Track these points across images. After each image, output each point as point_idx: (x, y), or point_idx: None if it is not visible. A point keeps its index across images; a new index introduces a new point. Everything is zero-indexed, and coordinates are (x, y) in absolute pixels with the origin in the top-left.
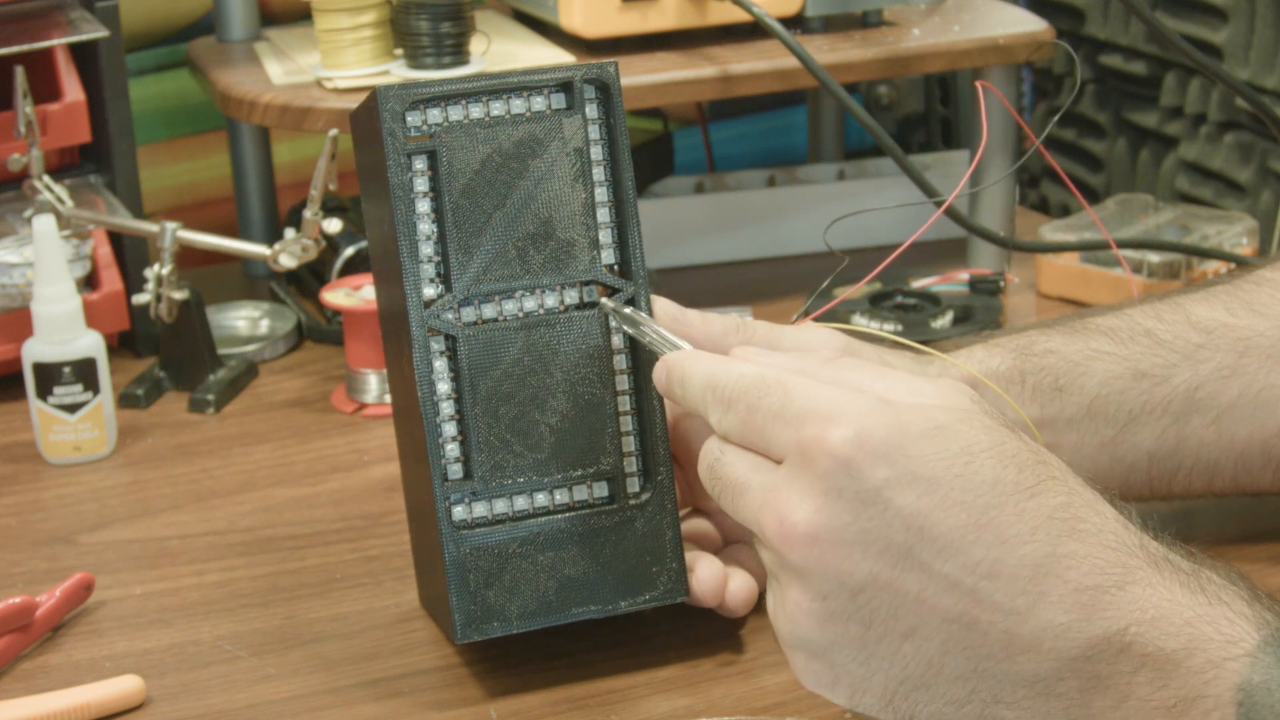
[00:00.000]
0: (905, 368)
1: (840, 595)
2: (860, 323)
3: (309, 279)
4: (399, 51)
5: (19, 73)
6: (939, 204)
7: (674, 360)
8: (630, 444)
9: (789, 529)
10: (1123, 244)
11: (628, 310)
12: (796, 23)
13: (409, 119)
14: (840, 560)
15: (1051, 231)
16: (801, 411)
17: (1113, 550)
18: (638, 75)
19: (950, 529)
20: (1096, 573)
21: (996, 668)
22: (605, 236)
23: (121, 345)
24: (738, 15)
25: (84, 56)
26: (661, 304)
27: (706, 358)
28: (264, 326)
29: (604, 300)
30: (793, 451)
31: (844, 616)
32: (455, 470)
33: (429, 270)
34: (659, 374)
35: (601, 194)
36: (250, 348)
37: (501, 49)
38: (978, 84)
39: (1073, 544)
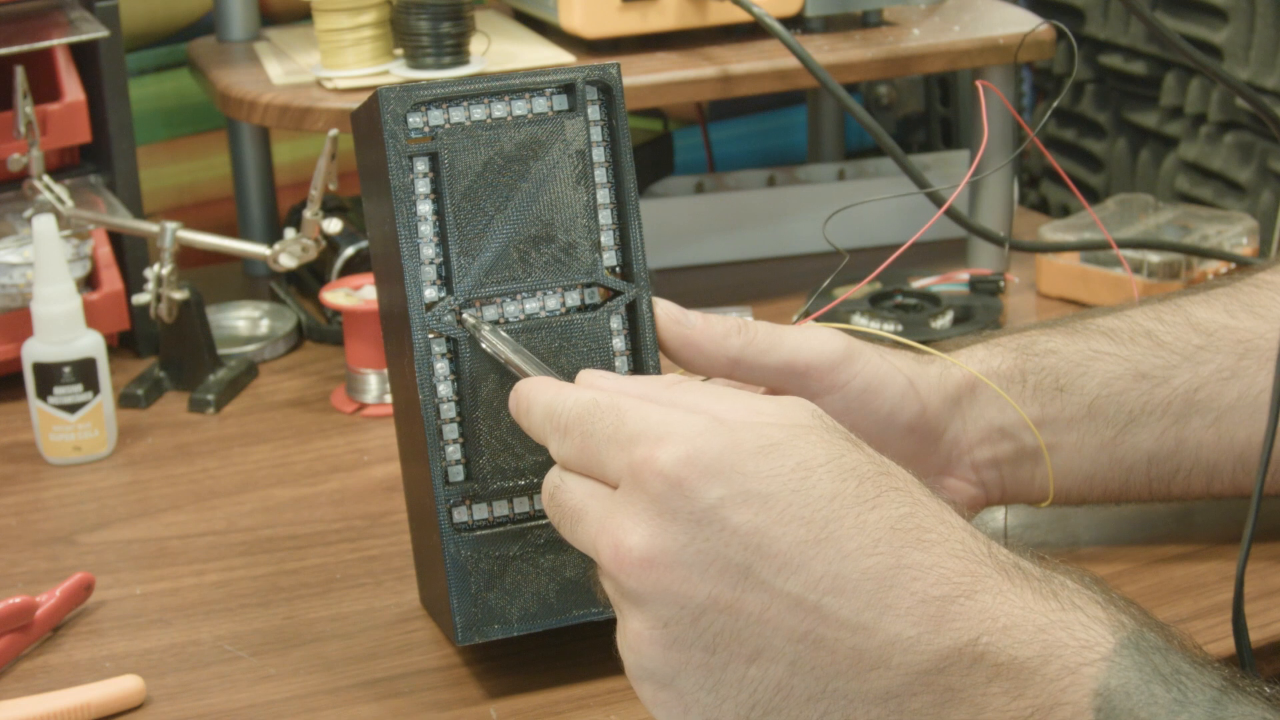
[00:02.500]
0: (905, 367)
1: (681, 620)
2: (860, 323)
3: (309, 279)
4: (399, 51)
5: (19, 73)
6: (939, 203)
7: (520, 388)
8: None
9: (624, 554)
10: (1123, 244)
11: (486, 330)
12: (796, 23)
13: (410, 120)
14: (678, 584)
15: (1051, 231)
16: (633, 434)
17: (959, 559)
18: (638, 75)
19: (789, 545)
20: (943, 583)
21: (847, 686)
22: (607, 239)
23: (121, 345)
24: (738, 15)
25: (84, 56)
26: (663, 305)
27: (548, 386)
28: (264, 326)
29: (466, 317)
30: (625, 475)
31: (687, 643)
32: (456, 472)
33: (430, 272)
34: (510, 402)
35: (603, 196)
36: (250, 348)
37: (501, 49)
38: (978, 83)
39: (917, 554)
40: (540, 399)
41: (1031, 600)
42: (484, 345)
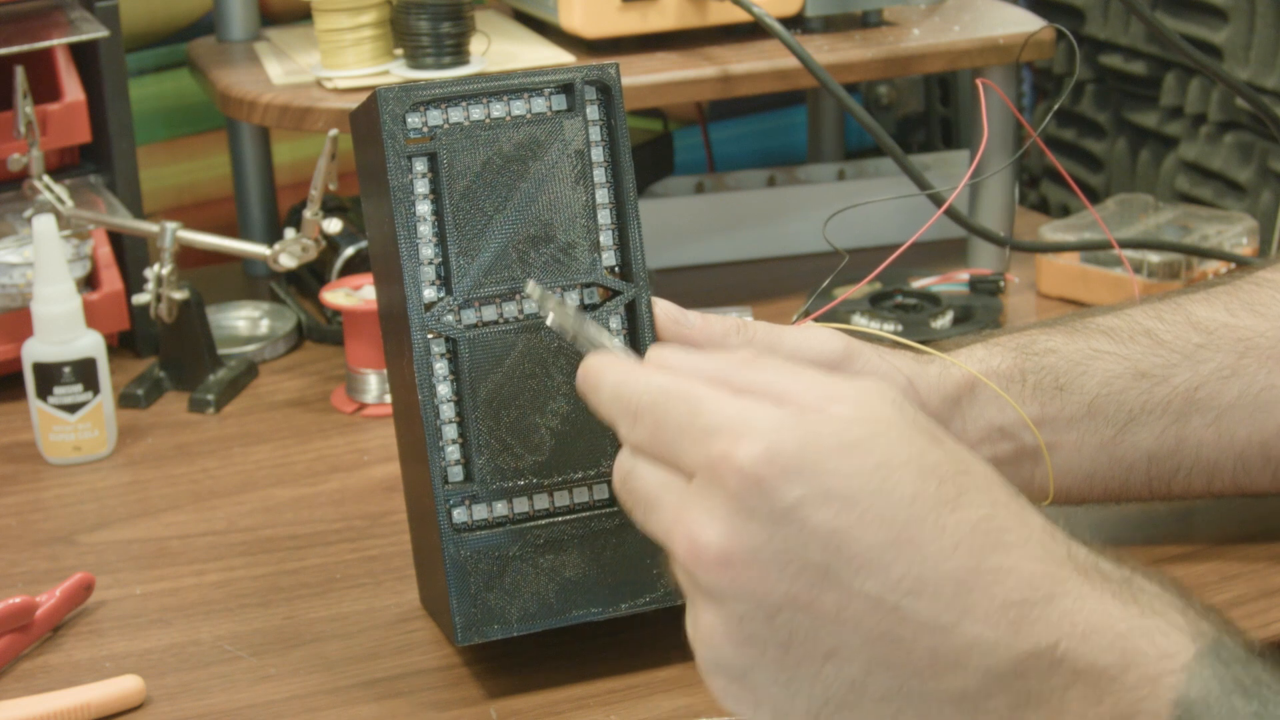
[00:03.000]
0: (905, 367)
1: (757, 618)
2: (860, 323)
3: (309, 279)
4: (399, 51)
5: (19, 73)
6: (939, 203)
7: (588, 365)
8: None
9: (701, 550)
10: (1123, 244)
11: (567, 304)
12: (796, 23)
13: (409, 121)
14: (755, 582)
15: (1051, 231)
16: (709, 427)
17: (1040, 562)
18: (638, 75)
19: (869, 547)
20: (1024, 586)
21: (922, 687)
22: (606, 239)
23: (121, 345)
24: (738, 15)
25: (84, 56)
26: (662, 305)
27: (618, 365)
28: (264, 326)
29: (531, 285)
30: (702, 469)
31: (762, 639)
32: (456, 472)
33: (429, 272)
34: (578, 377)
35: (602, 196)
36: (250, 348)
37: (501, 49)
38: (978, 82)
39: (998, 558)
40: (609, 379)
41: (1111, 605)
42: (549, 320)
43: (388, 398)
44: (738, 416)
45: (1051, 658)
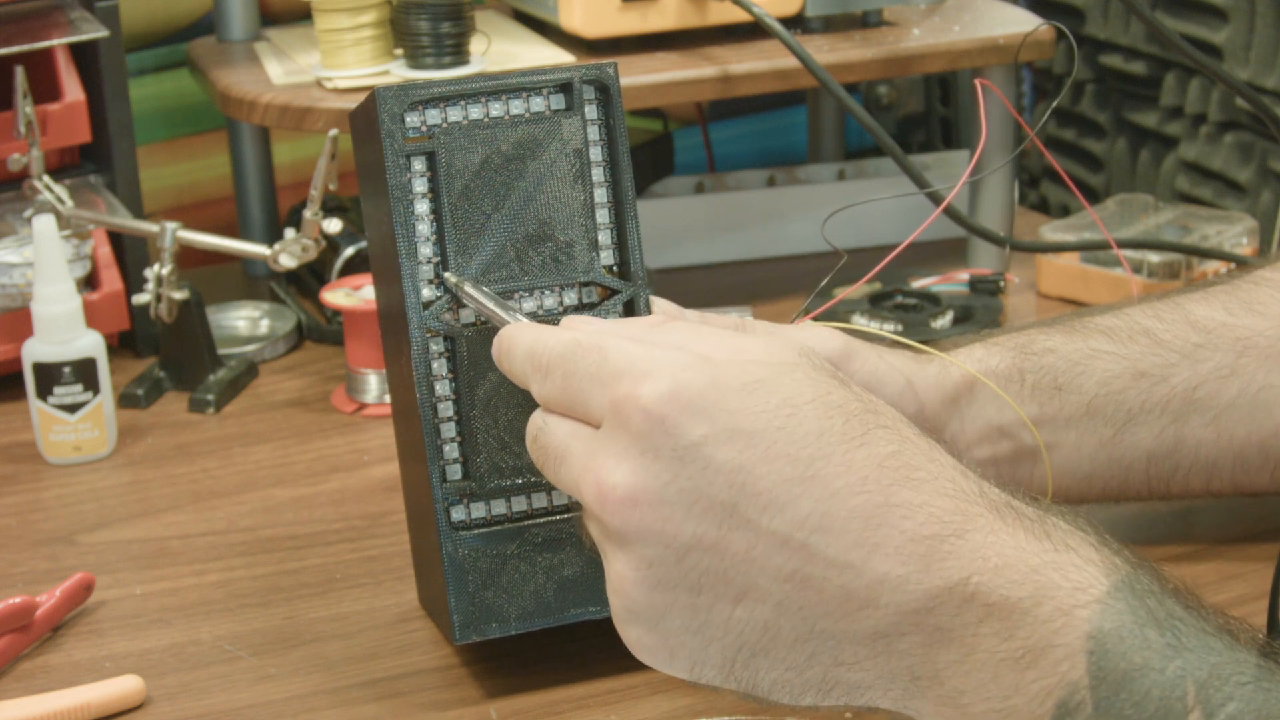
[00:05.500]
0: (903, 367)
1: (665, 560)
2: (860, 323)
3: (309, 279)
4: (399, 51)
5: (19, 73)
6: (939, 202)
7: (502, 333)
8: None
9: (607, 492)
10: (1123, 244)
11: (468, 285)
12: (796, 23)
13: (408, 120)
14: (662, 522)
15: (1051, 231)
16: (616, 371)
17: (950, 498)
18: (638, 75)
19: (775, 483)
20: (933, 521)
21: (834, 627)
22: (604, 238)
23: (121, 345)
24: (738, 15)
25: (84, 56)
26: (660, 304)
27: (530, 329)
28: (264, 326)
29: (448, 275)
30: (608, 412)
31: (672, 583)
32: (454, 471)
33: (428, 271)
34: (493, 348)
35: (601, 195)
36: (250, 348)
37: (501, 49)
38: (977, 82)
39: (906, 493)
40: (522, 341)
41: (1024, 540)
42: (466, 302)
43: (388, 398)
44: (643, 359)
45: (963, 593)
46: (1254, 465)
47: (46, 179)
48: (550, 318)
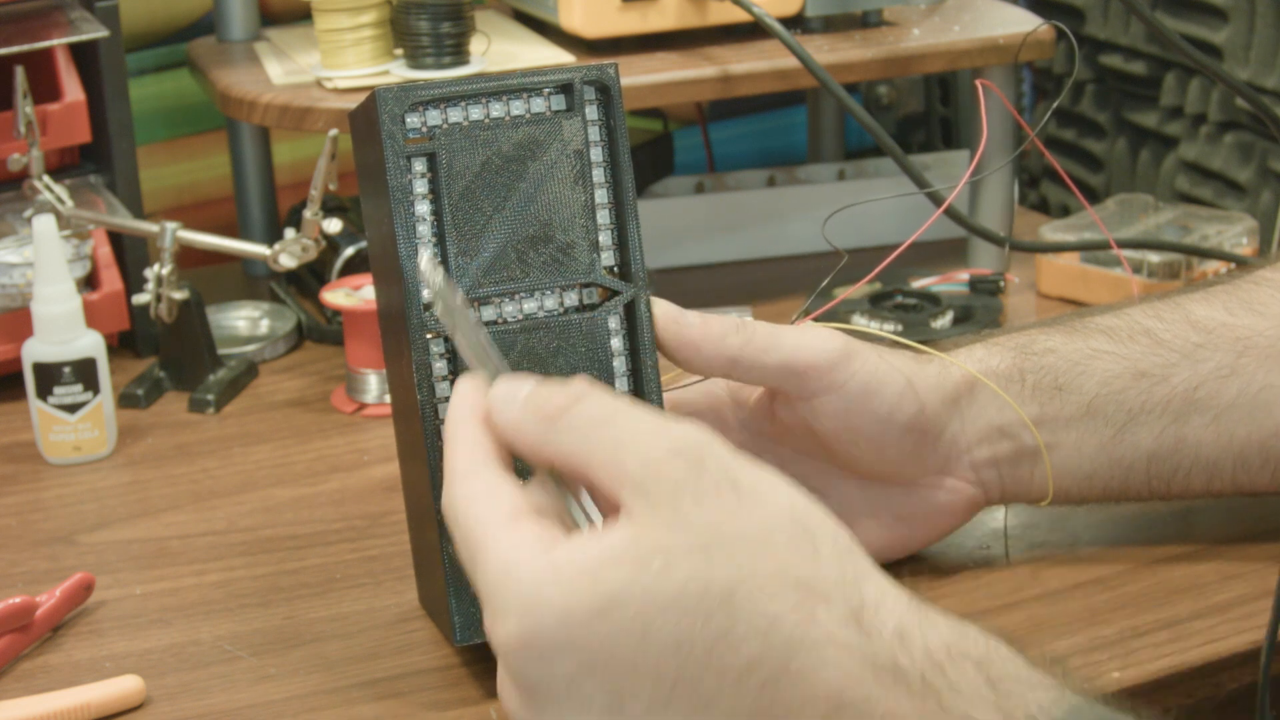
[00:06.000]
0: (904, 367)
1: None
2: (860, 323)
3: (309, 279)
4: (399, 51)
5: (19, 73)
6: (939, 203)
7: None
8: None
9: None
10: (1123, 244)
11: (461, 312)
12: (796, 23)
13: (408, 121)
14: None
15: (1051, 231)
16: (476, 586)
17: (827, 682)
18: (638, 75)
19: (647, 706)
20: (818, 714)
21: None
22: (605, 239)
23: (121, 345)
24: (738, 15)
25: (84, 56)
26: (661, 305)
27: (461, 443)
28: (264, 326)
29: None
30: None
31: None
32: None
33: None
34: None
35: (601, 196)
36: (250, 348)
37: (501, 49)
38: (978, 82)
39: (785, 690)
40: (446, 458)
41: (906, 706)
42: (452, 337)
43: (388, 398)
44: (497, 587)
45: None
46: (1255, 465)
47: (46, 179)
48: (551, 318)
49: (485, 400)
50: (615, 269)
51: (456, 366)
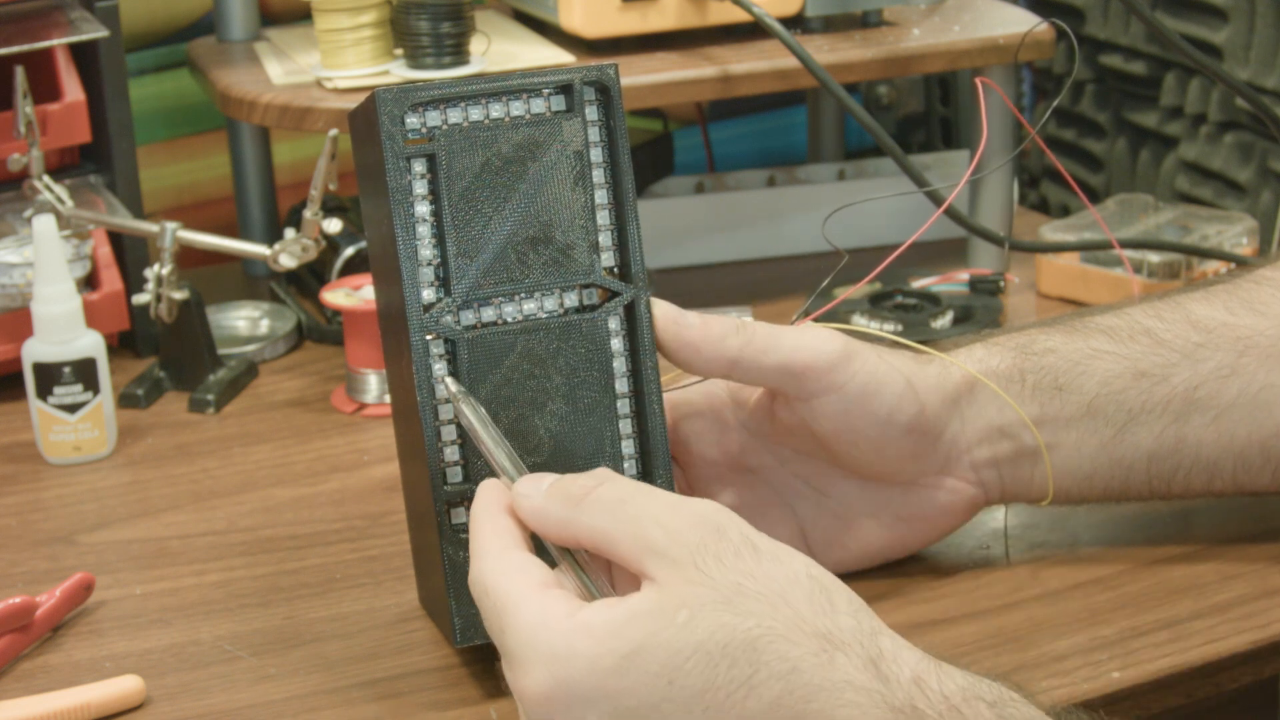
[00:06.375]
0: (904, 367)
1: None
2: (860, 323)
3: (309, 279)
4: (399, 51)
5: (19, 73)
6: (939, 203)
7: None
8: (629, 447)
9: None
10: (1123, 244)
11: (468, 411)
12: (796, 23)
13: (408, 121)
14: None
15: (1051, 231)
16: (504, 649)
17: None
18: (638, 75)
19: None
20: None
21: None
22: (605, 239)
23: (121, 345)
24: (738, 15)
25: (84, 56)
26: (661, 306)
27: (488, 529)
28: (264, 326)
29: (450, 384)
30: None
31: None
32: (455, 473)
33: (428, 273)
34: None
35: (601, 197)
36: (250, 348)
37: (501, 49)
38: (978, 81)
39: None
40: (472, 561)
41: None
42: (461, 420)
43: (388, 398)
44: (524, 646)
45: None
46: (1255, 465)
47: (46, 179)
48: (551, 319)
49: (508, 496)
50: (615, 270)
51: (456, 367)
